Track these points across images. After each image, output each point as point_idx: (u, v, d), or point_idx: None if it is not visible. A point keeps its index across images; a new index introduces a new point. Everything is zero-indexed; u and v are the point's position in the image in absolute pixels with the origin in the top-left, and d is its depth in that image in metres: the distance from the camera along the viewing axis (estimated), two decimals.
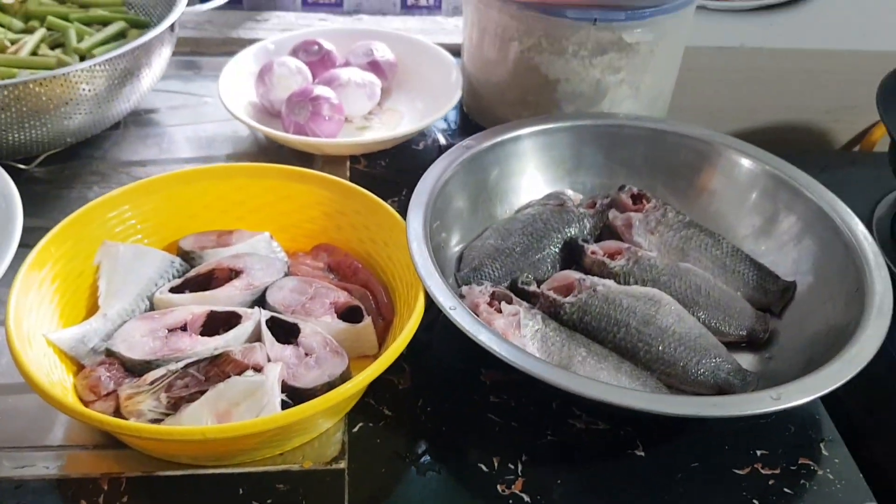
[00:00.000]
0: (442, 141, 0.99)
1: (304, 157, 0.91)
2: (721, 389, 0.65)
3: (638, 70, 0.88)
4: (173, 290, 0.67)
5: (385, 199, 0.86)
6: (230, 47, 1.11)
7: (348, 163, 0.92)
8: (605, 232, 0.80)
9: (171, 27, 0.91)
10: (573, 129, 0.83)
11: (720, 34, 1.19)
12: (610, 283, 0.70)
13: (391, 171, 0.92)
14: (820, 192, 0.74)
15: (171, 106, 1.02)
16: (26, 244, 0.67)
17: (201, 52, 1.13)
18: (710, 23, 1.17)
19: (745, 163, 0.79)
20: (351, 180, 0.89)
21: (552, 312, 0.68)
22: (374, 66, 1.01)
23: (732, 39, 1.19)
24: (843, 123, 1.28)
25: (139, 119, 0.99)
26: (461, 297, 0.66)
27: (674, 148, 0.82)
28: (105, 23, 1.00)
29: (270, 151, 0.94)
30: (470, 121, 1.01)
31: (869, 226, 0.95)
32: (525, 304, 0.67)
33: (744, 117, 1.26)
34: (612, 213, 0.79)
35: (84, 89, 0.82)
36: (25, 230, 0.71)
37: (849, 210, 0.72)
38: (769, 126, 1.27)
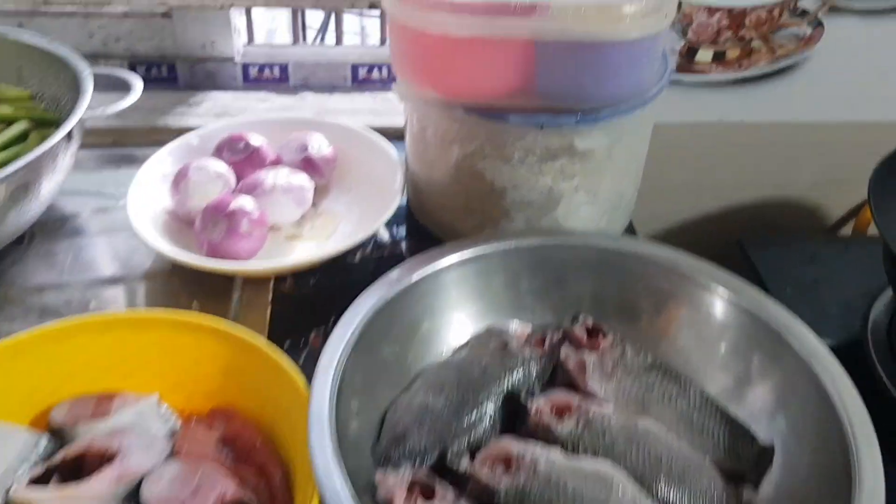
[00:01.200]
0: (385, 237, 0.89)
1: (224, 276, 0.81)
2: None
3: (594, 175, 0.78)
4: (36, 480, 0.57)
5: (310, 329, 0.77)
6: (158, 136, 1.02)
7: (272, 283, 0.81)
8: (559, 370, 0.69)
9: (70, 133, 0.81)
10: (516, 253, 0.72)
11: (697, 109, 1.09)
12: (555, 455, 0.59)
13: (321, 291, 0.81)
14: (803, 338, 0.63)
15: (84, 211, 0.92)
16: None
17: (124, 143, 1.03)
18: (685, 98, 1.08)
19: (718, 296, 0.68)
20: (273, 304, 0.80)
21: (484, 501, 0.57)
22: (309, 164, 0.91)
23: (710, 114, 1.09)
24: (833, 199, 1.18)
25: (46, 228, 0.89)
26: (374, 486, 0.56)
27: (634, 275, 0.71)
28: (10, 121, 0.90)
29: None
30: (415, 219, 0.90)
31: (864, 330, 0.85)
32: (452, 490, 0.56)
33: (725, 195, 1.16)
34: (564, 352, 0.69)
35: None
36: None
37: (834, 360, 0.61)
38: (753, 204, 1.17)
